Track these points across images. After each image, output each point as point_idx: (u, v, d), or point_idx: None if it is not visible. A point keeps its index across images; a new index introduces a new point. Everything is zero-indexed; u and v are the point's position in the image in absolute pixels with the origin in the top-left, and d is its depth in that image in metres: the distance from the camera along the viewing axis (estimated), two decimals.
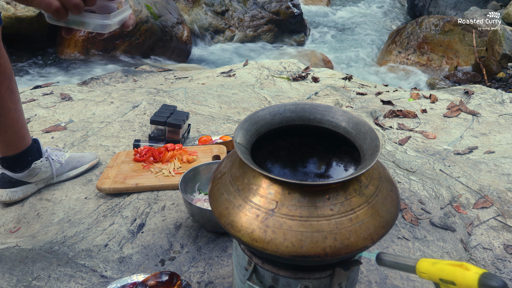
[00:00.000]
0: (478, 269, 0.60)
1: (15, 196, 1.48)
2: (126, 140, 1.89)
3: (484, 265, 1.28)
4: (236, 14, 5.84)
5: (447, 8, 6.93)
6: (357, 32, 6.65)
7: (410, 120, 2.21)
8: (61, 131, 1.99)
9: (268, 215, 0.66)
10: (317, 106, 0.84)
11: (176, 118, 1.80)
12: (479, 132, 2.08)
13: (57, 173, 1.54)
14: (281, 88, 2.65)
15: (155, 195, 1.47)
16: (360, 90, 2.71)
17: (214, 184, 0.76)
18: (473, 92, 2.53)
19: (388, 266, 0.72)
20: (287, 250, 0.64)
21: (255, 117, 0.81)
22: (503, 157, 1.84)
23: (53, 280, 1.11)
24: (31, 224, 1.42)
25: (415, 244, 1.29)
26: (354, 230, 0.65)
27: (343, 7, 7.92)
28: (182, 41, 5.02)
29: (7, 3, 4.33)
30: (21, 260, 1.17)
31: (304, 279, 0.73)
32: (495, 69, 4.65)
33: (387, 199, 0.71)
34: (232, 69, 3.08)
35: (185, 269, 1.15)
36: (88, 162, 1.64)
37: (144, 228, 1.32)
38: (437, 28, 5.18)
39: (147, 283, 1.01)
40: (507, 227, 1.43)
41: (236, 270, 0.85)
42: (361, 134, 0.78)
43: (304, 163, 0.90)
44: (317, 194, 0.66)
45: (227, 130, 1.99)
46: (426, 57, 5.07)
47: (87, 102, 2.33)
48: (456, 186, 1.63)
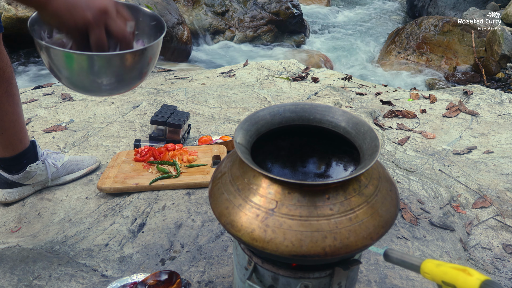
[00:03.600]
0: (480, 276, 0.60)
1: (11, 197, 1.49)
2: (126, 140, 1.89)
3: (483, 264, 1.28)
4: (236, 15, 5.84)
5: (446, 9, 6.93)
6: (357, 33, 6.65)
7: (409, 120, 2.21)
8: (62, 131, 1.99)
9: (268, 214, 0.66)
10: (317, 106, 0.85)
11: (176, 118, 1.81)
12: (478, 132, 2.09)
13: (53, 177, 1.54)
14: (281, 88, 2.66)
15: (156, 195, 1.47)
16: (359, 90, 2.71)
17: (214, 184, 0.77)
18: (472, 92, 2.54)
19: (394, 263, 0.73)
20: (287, 250, 0.64)
21: (255, 117, 0.81)
22: (502, 157, 1.84)
23: (54, 280, 1.11)
24: (32, 223, 1.43)
25: (414, 243, 1.30)
26: (353, 229, 0.66)
27: (343, 7, 7.92)
28: (183, 41, 5.02)
29: (8, 3, 4.33)
30: (22, 260, 1.17)
31: (304, 279, 0.74)
32: (494, 70, 4.66)
33: (386, 198, 0.71)
34: (232, 70, 3.08)
35: (185, 269, 1.16)
36: (87, 167, 1.63)
37: (145, 228, 1.33)
38: (436, 28, 5.19)
39: (147, 282, 1.02)
40: (506, 227, 1.43)
41: (236, 270, 0.85)
42: (360, 134, 0.78)
43: (304, 163, 0.91)
44: (316, 194, 0.67)
45: (227, 130, 2.00)
46: (425, 58, 5.07)
47: (87, 102, 2.33)
48: (455, 186, 1.64)
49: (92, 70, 0.75)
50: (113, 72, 0.76)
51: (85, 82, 0.77)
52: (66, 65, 0.74)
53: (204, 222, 1.33)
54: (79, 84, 0.79)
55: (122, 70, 0.77)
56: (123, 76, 0.78)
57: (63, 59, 0.74)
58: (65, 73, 0.76)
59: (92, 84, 0.77)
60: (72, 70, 0.75)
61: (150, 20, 0.90)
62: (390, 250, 0.73)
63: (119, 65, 0.76)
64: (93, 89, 0.80)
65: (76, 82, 0.78)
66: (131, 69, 0.78)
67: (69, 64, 0.74)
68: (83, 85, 0.79)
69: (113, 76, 0.77)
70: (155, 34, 0.89)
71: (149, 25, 0.90)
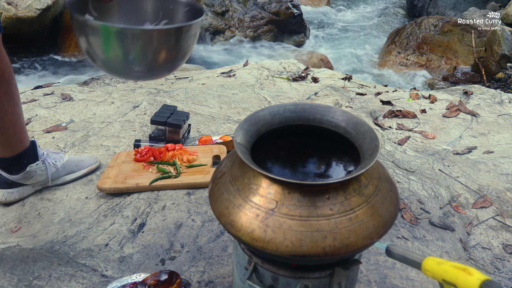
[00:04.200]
0: (481, 275, 0.60)
1: (11, 197, 1.49)
2: (126, 140, 1.89)
3: (483, 264, 1.28)
4: (236, 15, 5.84)
5: (446, 9, 6.93)
6: (357, 32, 6.65)
7: (409, 120, 2.21)
8: (62, 131, 1.99)
9: (268, 214, 0.66)
10: (317, 106, 0.85)
11: (176, 118, 1.81)
12: (478, 132, 2.09)
13: (53, 177, 1.54)
14: (281, 88, 2.66)
15: (156, 195, 1.47)
16: (359, 90, 2.71)
17: (214, 184, 0.77)
18: (472, 92, 2.54)
19: (396, 259, 0.73)
20: (287, 250, 0.64)
21: (255, 117, 0.81)
22: (502, 157, 1.84)
23: (54, 280, 1.11)
24: (32, 223, 1.43)
25: (414, 243, 1.30)
26: (353, 229, 0.66)
27: (342, 7, 7.92)
28: None
29: (8, 3, 4.33)
30: (22, 260, 1.17)
31: (303, 279, 0.74)
32: (494, 70, 4.66)
33: (386, 198, 0.71)
34: (232, 70, 3.08)
35: (185, 269, 1.16)
36: (87, 167, 1.63)
37: (145, 228, 1.33)
38: (436, 28, 5.19)
39: (147, 282, 1.02)
40: (506, 227, 1.43)
41: (236, 270, 0.85)
42: (360, 134, 0.78)
43: (304, 163, 0.91)
44: (317, 194, 0.67)
45: (227, 130, 2.00)
46: (425, 58, 5.07)
47: (87, 102, 2.33)
48: (455, 186, 1.64)
49: (143, 47, 0.72)
50: (161, 50, 0.74)
51: (133, 62, 0.74)
52: (114, 42, 0.71)
53: (204, 222, 1.33)
54: (121, 65, 0.75)
55: (169, 47, 0.74)
56: (169, 55, 0.76)
57: (112, 37, 0.70)
58: (112, 53, 0.73)
59: (141, 63, 0.74)
60: (119, 48, 0.72)
61: (183, 7, 0.87)
62: (393, 245, 0.73)
63: (166, 42, 0.73)
64: (140, 70, 0.76)
65: (120, 62, 0.74)
66: (175, 47, 0.75)
67: (119, 41, 0.71)
68: (128, 66, 0.75)
69: (159, 54, 0.74)
70: (189, 19, 0.85)
71: (182, 12, 0.87)
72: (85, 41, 0.74)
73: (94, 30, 0.72)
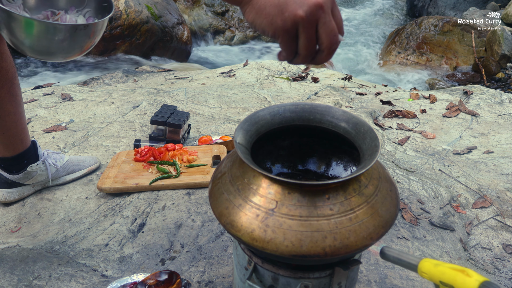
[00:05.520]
0: (479, 277, 0.60)
1: (11, 197, 1.49)
2: (126, 140, 1.89)
3: (483, 264, 1.28)
4: (236, 15, 5.84)
5: (446, 9, 6.93)
6: (357, 32, 6.65)
7: (409, 120, 2.21)
8: (62, 131, 1.99)
9: (268, 214, 0.66)
10: (317, 106, 0.85)
11: (176, 118, 1.81)
12: (478, 132, 2.09)
13: (53, 177, 1.54)
14: (281, 88, 2.66)
15: (156, 195, 1.47)
16: (359, 90, 2.71)
17: (214, 184, 0.77)
18: (472, 92, 2.54)
19: (391, 261, 0.72)
20: (287, 250, 0.64)
21: (255, 117, 0.81)
22: (502, 157, 1.84)
23: (54, 280, 1.11)
24: (32, 223, 1.43)
25: (414, 243, 1.30)
26: (353, 229, 0.65)
27: (342, 7, 7.92)
28: (183, 41, 5.02)
29: None
30: (22, 260, 1.17)
31: (303, 279, 0.74)
32: (494, 70, 4.66)
33: (386, 198, 0.71)
34: (232, 69, 3.08)
35: (185, 269, 1.16)
36: (87, 167, 1.63)
37: (145, 228, 1.33)
38: (437, 28, 5.19)
39: (147, 282, 1.02)
40: (506, 227, 1.43)
41: (236, 270, 0.85)
42: (360, 134, 0.78)
43: (304, 163, 0.91)
44: (316, 194, 0.67)
45: (227, 130, 2.00)
46: (425, 58, 5.07)
47: (87, 102, 2.33)
48: (455, 186, 1.64)
49: (50, 37, 0.92)
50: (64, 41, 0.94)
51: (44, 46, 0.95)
52: (25, 31, 0.91)
53: (204, 222, 1.33)
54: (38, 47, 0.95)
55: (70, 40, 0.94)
56: (72, 44, 0.96)
57: (23, 26, 0.91)
58: (26, 39, 0.93)
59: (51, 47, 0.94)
60: (32, 36, 0.92)
61: (102, 1, 1.06)
62: (387, 248, 0.73)
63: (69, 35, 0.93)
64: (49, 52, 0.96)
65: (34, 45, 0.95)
66: (77, 41, 0.95)
67: (28, 30, 0.91)
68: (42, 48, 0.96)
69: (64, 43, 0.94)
70: (103, 14, 1.05)
71: (101, 6, 1.06)
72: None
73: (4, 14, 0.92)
